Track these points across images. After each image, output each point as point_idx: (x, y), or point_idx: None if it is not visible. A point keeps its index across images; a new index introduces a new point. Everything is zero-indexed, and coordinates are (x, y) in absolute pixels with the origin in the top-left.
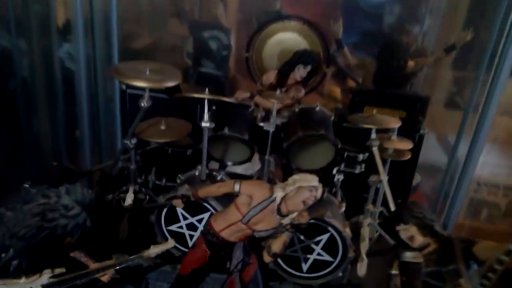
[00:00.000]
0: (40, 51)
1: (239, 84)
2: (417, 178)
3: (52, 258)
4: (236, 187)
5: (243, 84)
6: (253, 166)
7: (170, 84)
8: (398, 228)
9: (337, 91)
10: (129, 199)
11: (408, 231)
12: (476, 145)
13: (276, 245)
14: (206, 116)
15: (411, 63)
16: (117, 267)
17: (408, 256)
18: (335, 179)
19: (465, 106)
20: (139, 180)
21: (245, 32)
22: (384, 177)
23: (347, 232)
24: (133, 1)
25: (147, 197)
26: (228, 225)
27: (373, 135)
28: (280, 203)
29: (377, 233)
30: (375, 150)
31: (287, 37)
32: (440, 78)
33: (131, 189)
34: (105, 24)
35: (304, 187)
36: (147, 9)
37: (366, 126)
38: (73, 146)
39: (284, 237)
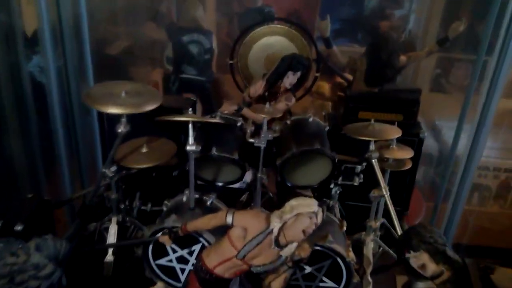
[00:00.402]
0: (6, 66)
1: (225, 87)
2: None
3: None
4: (229, 219)
5: (229, 87)
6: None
7: (149, 108)
8: (408, 255)
9: (325, 87)
10: (113, 231)
11: (419, 259)
12: (483, 129)
13: (277, 283)
14: (191, 139)
15: (403, 58)
16: None
17: (421, 286)
18: (333, 191)
19: (467, 89)
20: (122, 206)
21: (227, 33)
22: (386, 192)
23: (351, 256)
24: (105, 6)
25: (132, 226)
26: (222, 261)
27: (372, 147)
28: (278, 234)
29: (381, 249)
30: (374, 162)
31: (273, 41)
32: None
33: (114, 220)
34: (76, 31)
35: (303, 214)
36: (121, 13)
37: (363, 138)
38: (50, 168)
39: (284, 275)
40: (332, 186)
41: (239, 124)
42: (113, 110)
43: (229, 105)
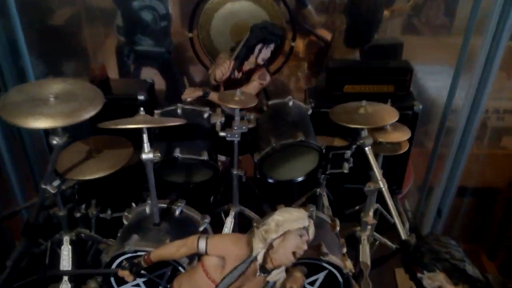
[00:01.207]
0: None
1: (188, 56)
2: None
3: None
4: (202, 246)
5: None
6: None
7: (87, 115)
8: (420, 276)
9: (299, 46)
10: (65, 253)
11: (434, 280)
12: (490, 72)
13: None
14: (146, 145)
15: (386, 14)
16: None
17: None
18: (320, 179)
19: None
20: (78, 215)
21: None
22: (384, 185)
23: (348, 266)
24: None
25: (89, 242)
26: None
27: (364, 133)
28: (264, 260)
29: (377, 242)
30: (368, 150)
31: (239, 8)
32: None
33: (66, 240)
34: None
35: (292, 231)
36: None
37: (354, 126)
38: None
39: None
40: (319, 176)
41: (206, 115)
42: (38, 124)
43: (193, 91)
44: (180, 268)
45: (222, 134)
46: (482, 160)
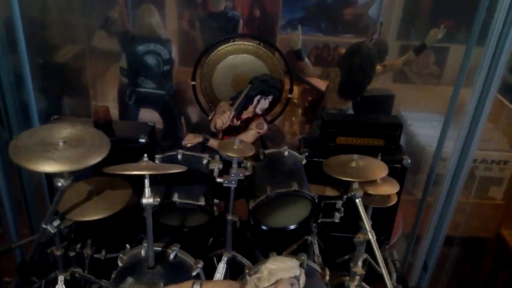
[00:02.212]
0: None
1: (188, 101)
2: None
3: None
4: None
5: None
6: None
7: (94, 161)
8: None
9: (295, 93)
10: None
11: None
12: (479, 123)
13: None
14: (147, 191)
15: (378, 68)
16: None
17: None
18: (312, 227)
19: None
20: (73, 254)
21: (188, 42)
22: (372, 236)
23: None
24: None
25: (82, 282)
26: None
27: (355, 186)
28: None
29: None
30: (358, 202)
31: (241, 60)
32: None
33: (60, 279)
34: (8, 34)
35: (284, 280)
36: (63, 16)
37: (346, 179)
38: None
39: None
40: (311, 225)
41: (205, 162)
42: (49, 168)
43: (193, 137)
44: None
45: (219, 180)
46: (470, 210)
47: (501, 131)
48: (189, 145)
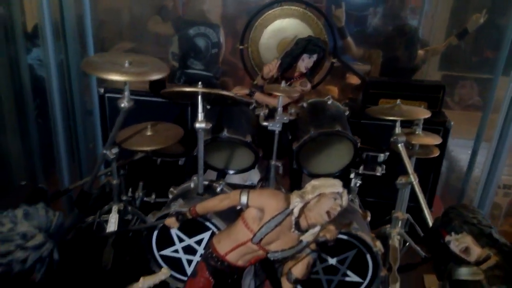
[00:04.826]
0: (5, 57)
1: (232, 86)
2: None
3: None
4: (243, 199)
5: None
6: (252, 176)
7: (155, 77)
8: (448, 238)
9: (334, 91)
10: (113, 220)
11: (461, 242)
12: (503, 148)
13: (298, 269)
14: (200, 115)
15: (420, 53)
16: None
17: (464, 273)
18: (352, 183)
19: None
20: (124, 198)
21: (235, 27)
22: (415, 179)
23: (378, 246)
24: (110, 2)
25: (135, 217)
26: (235, 246)
27: (398, 129)
28: (299, 216)
29: (407, 244)
30: (401, 146)
31: (287, 25)
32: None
33: (114, 209)
34: (78, 27)
35: (327, 194)
36: (126, 10)
37: (389, 118)
38: (49, 164)
39: (307, 259)
40: (352, 176)
41: (252, 107)
42: (115, 77)
43: (241, 88)
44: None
45: (264, 123)
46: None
47: None
48: (237, 94)
